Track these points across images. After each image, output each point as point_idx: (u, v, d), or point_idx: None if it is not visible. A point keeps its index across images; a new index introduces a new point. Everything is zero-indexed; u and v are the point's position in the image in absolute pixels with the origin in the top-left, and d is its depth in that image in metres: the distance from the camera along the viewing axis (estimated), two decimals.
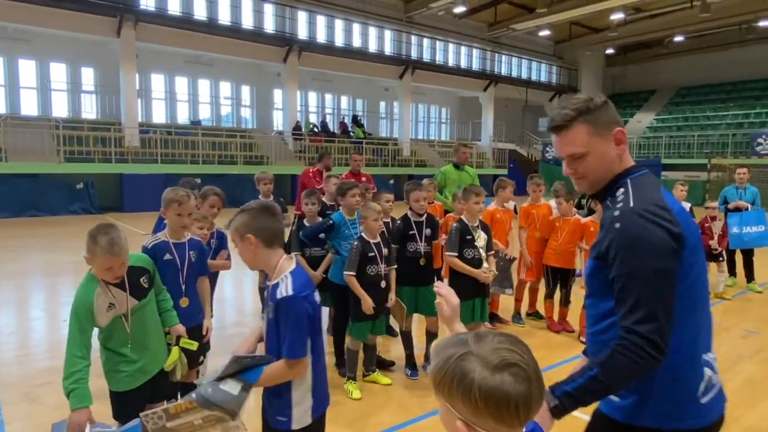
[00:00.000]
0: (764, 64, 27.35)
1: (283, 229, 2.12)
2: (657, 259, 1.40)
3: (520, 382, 0.90)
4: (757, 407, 3.81)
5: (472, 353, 0.93)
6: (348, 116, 25.14)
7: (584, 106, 1.55)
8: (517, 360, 0.92)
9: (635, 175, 1.61)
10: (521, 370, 0.91)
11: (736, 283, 7.50)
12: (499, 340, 0.95)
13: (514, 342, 0.96)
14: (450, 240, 4.07)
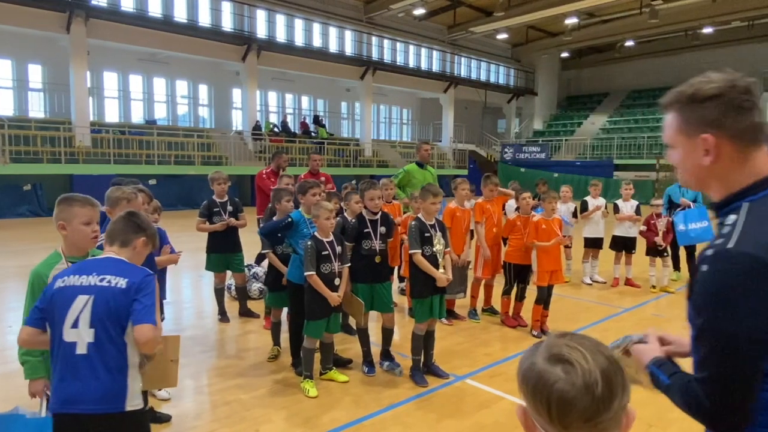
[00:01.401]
0: (708, 69, 28.00)
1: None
2: (744, 327, 1.10)
3: (567, 381, 0.84)
4: None
5: (545, 343, 0.92)
6: (309, 116, 24.99)
7: (685, 93, 1.26)
8: (576, 359, 0.86)
9: (758, 196, 1.19)
10: (574, 370, 0.85)
11: (680, 278, 7.87)
12: (577, 338, 0.91)
13: (591, 346, 0.89)
14: (411, 238, 4.13)
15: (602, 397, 0.84)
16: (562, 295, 6.94)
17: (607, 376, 0.85)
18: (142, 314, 2.01)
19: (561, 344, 0.89)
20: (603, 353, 0.88)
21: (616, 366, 0.87)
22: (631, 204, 7.44)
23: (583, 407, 0.83)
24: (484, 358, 4.71)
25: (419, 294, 4.10)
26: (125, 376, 2.05)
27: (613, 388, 0.85)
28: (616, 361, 0.88)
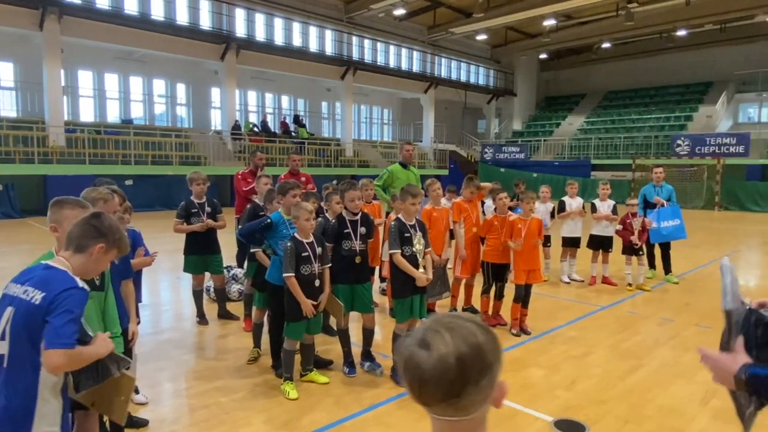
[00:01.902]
0: (683, 71, 29.37)
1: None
2: None
3: (425, 363, 0.91)
4: (669, 389, 4.11)
5: (422, 324, 1.00)
6: (289, 116, 24.84)
7: None
8: (435, 344, 0.92)
9: None
10: (431, 354, 0.91)
11: (655, 275, 8.02)
12: (451, 321, 0.96)
13: (458, 332, 0.94)
14: (391, 238, 4.13)
15: (455, 380, 0.90)
16: (541, 294, 7.02)
17: (462, 361, 0.91)
18: (50, 337, 1.82)
19: (428, 328, 0.96)
20: (466, 339, 0.93)
21: (476, 352, 0.92)
22: (608, 204, 7.56)
23: (437, 388, 0.91)
24: None
25: (400, 294, 4.12)
26: (34, 399, 1.88)
27: (468, 373, 0.91)
28: (479, 347, 0.93)
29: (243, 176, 6.72)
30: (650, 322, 5.92)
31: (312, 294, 3.86)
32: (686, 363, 4.64)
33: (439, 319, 0.97)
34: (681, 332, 5.52)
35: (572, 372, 4.41)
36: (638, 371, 4.46)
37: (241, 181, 6.66)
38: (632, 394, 4.00)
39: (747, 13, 23.56)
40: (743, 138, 21.45)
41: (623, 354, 4.86)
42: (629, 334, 5.45)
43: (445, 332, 0.93)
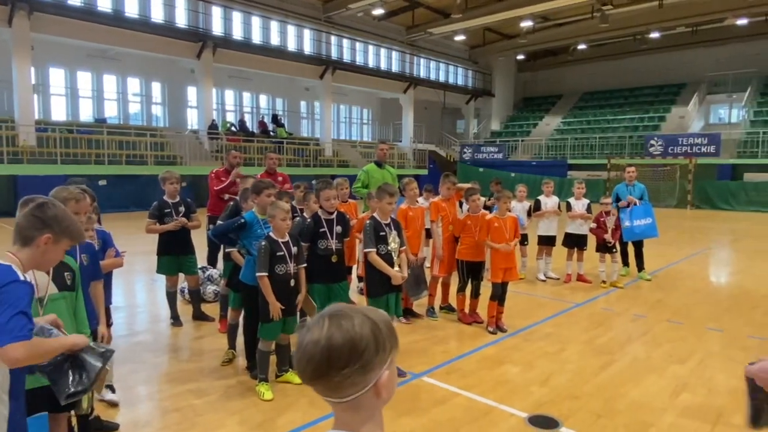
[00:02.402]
0: (656, 73, 29.97)
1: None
2: None
3: (299, 347, 1.05)
4: (641, 383, 4.18)
5: None
6: (268, 115, 24.64)
7: None
8: (312, 330, 1.03)
9: None
10: (305, 339, 1.04)
11: (628, 273, 8.17)
12: (339, 313, 1.05)
13: (337, 321, 1.03)
14: (365, 237, 4.13)
15: (320, 363, 1.00)
16: (518, 292, 7.09)
17: (329, 347, 1.00)
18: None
19: (320, 314, 1.06)
20: (341, 327, 1.01)
21: (347, 341, 1.00)
22: (583, 202, 7.68)
23: (306, 367, 1.02)
24: (441, 355, 4.76)
25: (375, 293, 4.11)
26: None
27: (333, 358, 1.00)
28: (352, 337, 1.00)
29: (217, 175, 6.64)
30: (623, 318, 6.03)
31: (287, 294, 3.83)
32: (657, 358, 4.74)
33: (331, 308, 1.07)
34: (653, 328, 5.62)
35: (547, 368, 4.46)
36: (611, 367, 4.53)
37: (215, 179, 6.58)
38: (605, 389, 4.06)
39: (717, 16, 24.17)
40: (714, 138, 21.99)
41: (597, 350, 4.94)
42: (603, 331, 5.54)
43: (327, 320, 1.03)
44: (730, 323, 5.80)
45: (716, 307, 6.50)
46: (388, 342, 1.06)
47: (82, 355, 2.11)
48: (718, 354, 4.84)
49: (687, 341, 5.18)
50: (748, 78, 26.28)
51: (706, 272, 9.01)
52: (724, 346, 5.04)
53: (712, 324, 5.76)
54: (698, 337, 5.33)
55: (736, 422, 3.53)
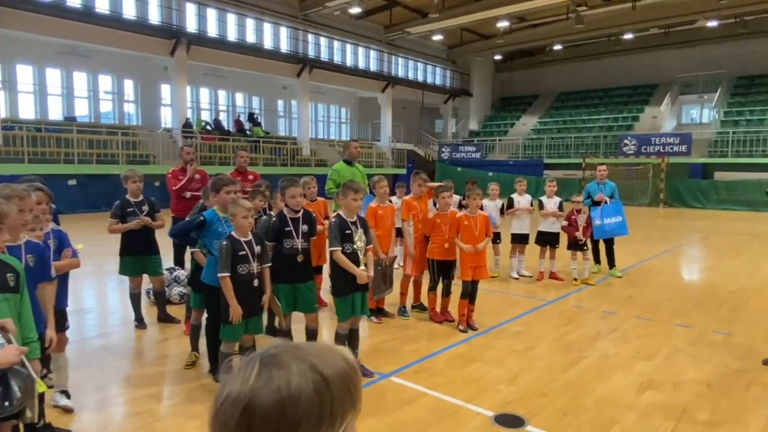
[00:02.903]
0: (630, 73, 30.45)
1: None
2: None
3: (217, 394, 0.75)
4: (608, 380, 4.19)
5: None
6: (244, 114, 24.33)
7: None
8: (230, 378, 0.74)
9: None
10: (223, 388, 0.74)
11: (600, 270, 8.24)
12: (271, 358, 0.75)
13: (271, 364, 0.74)
14: (330, 235, 4.05)
15: (235, 428, 0.71)
16: (491, 290, 7.09)
17: (250, 409, 0.70)
18: None
19: (256, 354, 0.76)
20: (272, 383, 0.71)
21: (277, 403, 0.70)
22: (555, 200, 7.71)
23: (215, 429, 0.73)
24: (411, 354, 4.71)
25: (340, 292, 4.04)
26: None
27: (252, 425, 0.70)
28: (283, 398, 0.70)
29: (174, 174, 6.50)
30: (593, 315, 6.06)
31: (251, 294, 3.74)
32: (625, 354, 4.76)
33: (269, 348, 0.76)
34: (622, 324, 5.66)
35: (515, 366, 4.44)
36: (579, 363, 4.53)
37: (172, 179, 6.44)
38: (572, 386, 4.06)
39: (688, 18, 24.64)
40: (686, 138, 22.42)
41: (566, 347, 4.94)
42: (573, 328, 5.55)
43: (256, 366, 0.73)
44: (697, 319, 5.88)
45: (685, 303, 6.59)
46: (340, 408, 0.73)
47: (9, 377, 2.01)
48: (684, 350, 4.89)
49: (655, 337, 5.23)
50: (718, 79, 26.87)
51: (676, 269, 9.14)
52: (690, 342, 5.09)
53: (680, 320, 5.82)
54: (666, 333, 5.38)
55: (699, 418, 3.55)
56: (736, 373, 4.35)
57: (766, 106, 24.43)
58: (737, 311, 6.23)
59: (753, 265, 9.09)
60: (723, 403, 3.80)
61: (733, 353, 4.82)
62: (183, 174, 6.47)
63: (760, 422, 3.52)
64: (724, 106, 25.90)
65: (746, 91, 26.53)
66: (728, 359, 4.67)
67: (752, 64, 26.75)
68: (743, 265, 9.16)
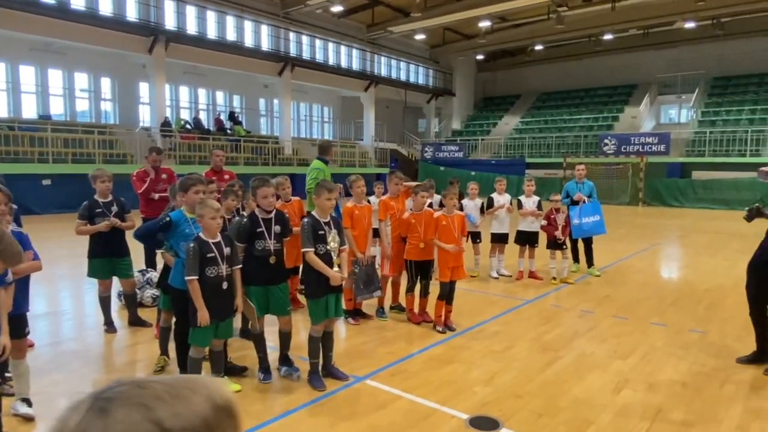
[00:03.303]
0: (610, 74, 30.79)
1: None
2: None
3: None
4: (584, 380, 4.18)
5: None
6: (224, 113, 24.04)
7: None
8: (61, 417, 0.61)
9: None
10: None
11: (579, 269, 8.27)
12: (123, 389, 0.62)
13: (107, 410, 0.59)
14: (303, 236, 3.96)
15: None
16: (470, 290, 7.07)
17: None
18: None
19: (95, 393, 0.62)
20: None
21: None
22: (533, 200, 7.71)
23: None
24: (387, 356, 4.64)
25: (314, 294, 3.95)
26: None
27: None
28: None
29: (138, 176, 6.36)
30: (571, 314, 6.06)
31: (220, 297, 3.64)
32: (602, 354, 4.75)
33: (118, 385, 0.62)
34: (599, 323, 5.67)
35: (492, 367, 4.40)
36: (556, 363, 4.51)
37: (137, 182, 6.31)
38: (549, 387, 4.03)
39: (667, 19, 24.98)
40: (664, 137, 22.72)
41: (543, 347, 4.92)
42: (551, 327, 5.54)
43: (83, 411, 0.59)
44: (673, 317, 5.91)
45: (661, 302, 6.63)
46: None
47: None
48: (660, 349, 4.90)
49: (632, 336, 5.24)
50: (695, 79, 27.29)
51: (653, 267, 9.22)
52: (666, 341, 5.11)
53: (657, 318, 5.85)
54: (643, 331, 5.39)
55: (674, 418, 3.55)
56: (711, 371, 4.37)
57: (742, 106, 24.89)
58: (713, 309, 6.28)
59: (729, 263, 9.20)
60: (697, 402, 3.80)
61: (708, 351, 4.84)
62: (147, 175, 6.34)
63: (733, 421, 3.53)
64: (701, 106, 26.31)
65: (723, 91, 26.99)
66: (703, 358, 4.69)
67: (729, 65, 27.23)
68: (720, 263, 9.28)
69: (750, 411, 3.66)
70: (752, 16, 24.92)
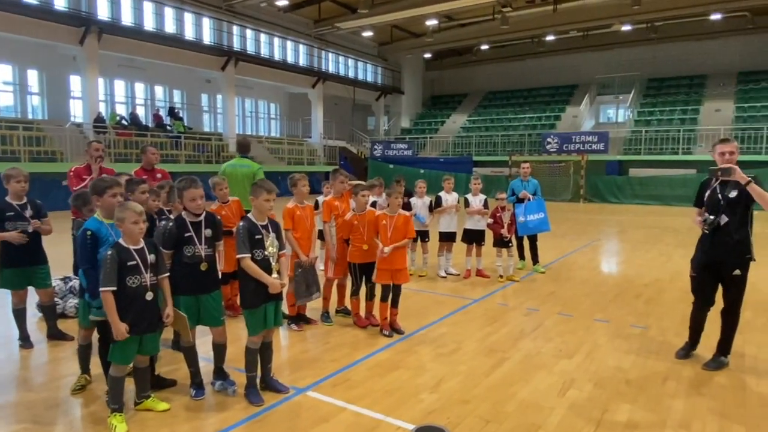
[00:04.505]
0: (552, 74, 31.69)
1: None
2: None
3: None
4: (530, 381, 4.12)
5: None
6: (164, 108, 23.02)
7: None
8: None
9: None
10: None
11: (525, 266, 8.34)
12: None
13: None
14: (238, 241, 3.68)
15: None
16: (419, 290, 6.97)
17: None
18: None
19: None
20: None
21: None
22: (480, 198, 7.69)
23: None
24: (331, 364, 4.43)
25: (250, 303, 3.69)
26: None
27: None
28: None
29: (77, 173, 5.84)
30: (517, 312, 6.05)
31: (143, 309, 3.31)
32: (547, 353, 4.73)
33: None
34: (544, 321, 5.68)
35: (439, 372, 4.28)
36: (503, 365, 4.44)
37: (74, 178, 5.78)
38: (495, 391, 3.95)
39: (605, 22, 25.94)
40: (603, 136, 23.57)
41: (490, 348, 4.86)
42: (497, 327, 5.50)
43: None
44: (615, 313, 6.01)
45: (603, 297, 6.74)
46: None
47: None
48: (603, 346, 4.94)
49: (576, 334, 5.26)
50: (632, 80, 28.52)
51: (594, 263, 9.43)
52: (609, 338, 5.16)
53: (600, 315, 5.93)
54: (586, 328, 5.44)
55: (619, 419, 3.53)
56: (653, 367, 4.42)
57: (674, 106, 26.20)
58: (652, 304, 6.45)
59: (665, 258, 9.56)
60: (641, 399, 3.82)
61: (649, 347, 4.92)
62: (88, 173, 5.81)
63: (675, 417, 3.55)
64: (637, 106, 27.50)
65: (657, 92, 28.32)
66: (645, 353, 4.75)
67: (662, 67, 28.61)
68: (656, 258, 9.62)
69: (691, 407, 3.70)
70: (683, 21, 26.26)
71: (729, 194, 4.15)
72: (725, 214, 4.15)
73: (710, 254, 4.28)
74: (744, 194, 4.07)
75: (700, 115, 24.88)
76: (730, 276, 4.22)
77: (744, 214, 4.16)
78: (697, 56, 27.75)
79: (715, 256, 4.25)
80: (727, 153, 4.13)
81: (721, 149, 4.17)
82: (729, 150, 4.12)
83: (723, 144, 4.20)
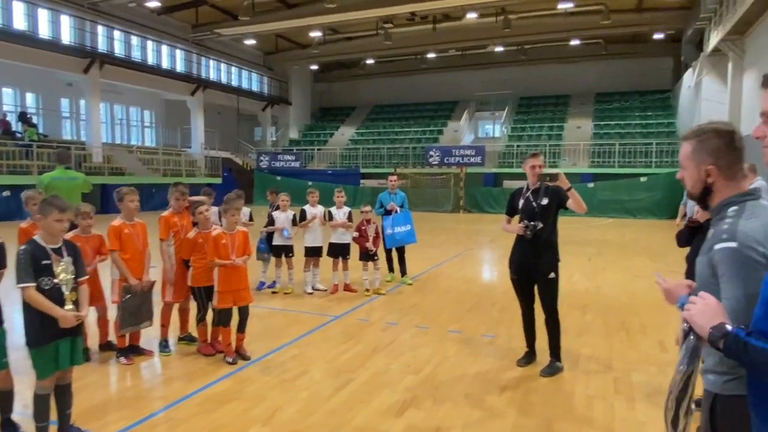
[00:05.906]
0: (434, 90, 32.98)
1: None
2: None
3: None
4: (371, 403, 3.96)
5: None
6: (14, 113, 20.47)
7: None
8: None
9: None
10: None
11: (394, 278, 8.33)
12: None
13: None
14: (17, 269, 3.10)
15: None
16: (282, 309, 6.65)
17: None
18: None
19: None
20: None
21: None
22: (344, 211, 7.55)
23: None
24: (155, 402, 3.95)
25: (36, 341, 3.12)
26: None
27: None
28: None
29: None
30: (375, 328, 5.94)
31: None
32: (396, 370, 4.63)
33: None
34: (400, 336, 5.61)
35: (277, 401, 3.98)
36: (347, 387, 4.25)
37: None
38: (333, 417, 3.73)
39: (480, 42, 27.51)
40: (480, 150, 24.87)
41: (339, 368, 4.65)
42: (351, 345, 5.32)
43: None
44: (469, 323, 6.11)
45: (461, 307, 6.87)
46: None
47: None
48: (451, 358, 4.95)
49: (428, 347, 5.24)
50: (506, 98, 30.51)
51: (461, 273, 9.68)
52: (459, 349, 5.20)
53: (454, 326, 5.99)
54: (439, 341, 5.44)
55: None
56: (494, 377, 4.48)
57: (543, 123, 28.40)
58: (505, 311, 6.65)
59: None
60: (475, 413, 3.80)
61: (495, 355, 5.01)
62: None
63: (506, 429, 3.56)
64: (511, 122, 29.44)
65: (528, 110, 30.56)
66: (490, 362, 4.83)
67: (532, 86, 30.94)
68: None
69: (524, 415, 3.75)
70: (548, 45, 28.64)
71: (541, 202, 4.49)
72: (539, 221, 4.40)
73: (528, 256, 4.56)
74: (554, 201, 4.46)
75: (564, 131, 27.18)
76: (545, 279, 4.46)
77: (554, 220, 4.55)
78: (561, 78, 30.38)
79: (532, 257, 4.55)
80: (537, 166, 4.50)
81: (532, 163, 4.54)
82: (538, 164, 4.50)
83: (533, 158, 4.56)
